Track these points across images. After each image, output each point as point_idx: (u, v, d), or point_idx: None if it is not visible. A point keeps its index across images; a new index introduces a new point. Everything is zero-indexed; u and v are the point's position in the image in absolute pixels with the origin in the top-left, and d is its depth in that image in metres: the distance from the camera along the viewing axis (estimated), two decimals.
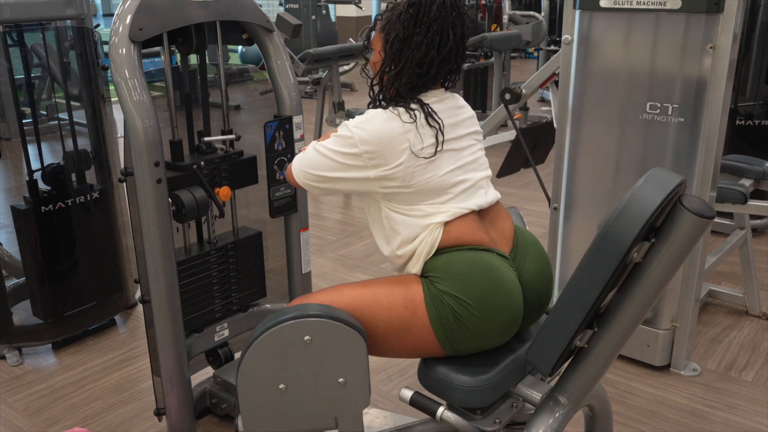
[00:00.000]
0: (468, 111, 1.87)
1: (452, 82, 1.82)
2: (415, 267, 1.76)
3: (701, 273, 2.62)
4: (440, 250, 1.73)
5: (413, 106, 1.71)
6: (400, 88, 1.74)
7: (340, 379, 1.65)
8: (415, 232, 1.73)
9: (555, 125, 2.89)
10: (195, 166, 2.12)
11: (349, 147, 1.69)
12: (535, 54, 8.95)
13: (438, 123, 1.72)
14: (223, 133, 2.27)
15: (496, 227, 1.81)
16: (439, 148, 1.71)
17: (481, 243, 1.74)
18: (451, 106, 1.80)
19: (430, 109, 1.72)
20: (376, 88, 1.81)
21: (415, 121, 1.69)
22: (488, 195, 1.81)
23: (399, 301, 1.71)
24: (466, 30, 1.75)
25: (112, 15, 2.07)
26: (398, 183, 1.70)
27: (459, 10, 1.72)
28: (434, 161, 1.70)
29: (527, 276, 1.76)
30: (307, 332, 1.62)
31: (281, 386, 1.65)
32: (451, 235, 1.72)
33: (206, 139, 2.21)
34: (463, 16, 1.73)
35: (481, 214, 1.79)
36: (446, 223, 1.72)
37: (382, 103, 1.78)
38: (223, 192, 2.19)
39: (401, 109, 1.70)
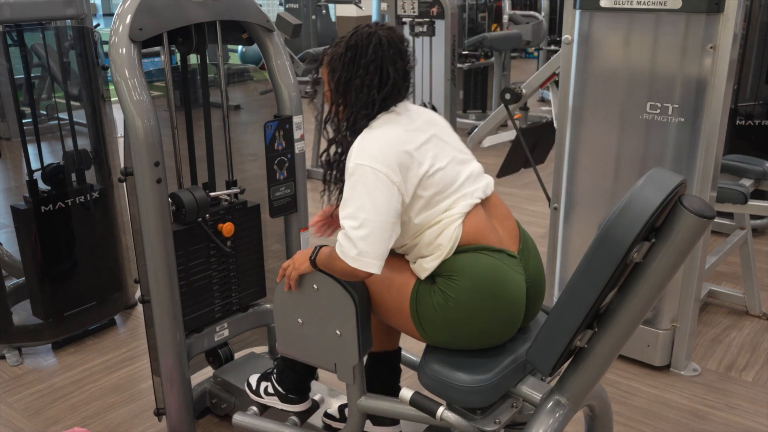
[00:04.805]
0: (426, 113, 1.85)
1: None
2: (433, 262, 1.71)
3: (701, 273, 2.62)
4: (459, 249, 1.70)
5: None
6: (348, 124, 1.76)
7: (337, 331, 1.81)
8: (436, 226, 1.71)
9: (555, 125, 2.89)
10: (200, 219, 2.15)
11: (371, 179, 1.64)
12: (535, 54, 8.94)
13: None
14: (228, 184, 2.29)
15: (504, 226, 1.79)
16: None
17: (493, 244, 1.72)
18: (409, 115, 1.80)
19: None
20: (335, 118, 1.81)
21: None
22: (489, 186, 1.81)
23: (393, 278, 1.76)
24: (409, 63, 1.77)
25: (112, 15, 2.07)
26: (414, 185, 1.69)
27: (397, 46, 1.73)
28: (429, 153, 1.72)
29: (530, 274, 1.77)
30: (316, 282, 1.81)
31: (299, 320, 1.88)
32: (468, 233, 1.70)
33: (212, 194, 2.23)
34: (403, 52, 1.75)
35: (486, 209, 1.77)
36: (464, 221, 1.70)
37: (347, 133, 1.79)
38: (227, 228, 2.22)
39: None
